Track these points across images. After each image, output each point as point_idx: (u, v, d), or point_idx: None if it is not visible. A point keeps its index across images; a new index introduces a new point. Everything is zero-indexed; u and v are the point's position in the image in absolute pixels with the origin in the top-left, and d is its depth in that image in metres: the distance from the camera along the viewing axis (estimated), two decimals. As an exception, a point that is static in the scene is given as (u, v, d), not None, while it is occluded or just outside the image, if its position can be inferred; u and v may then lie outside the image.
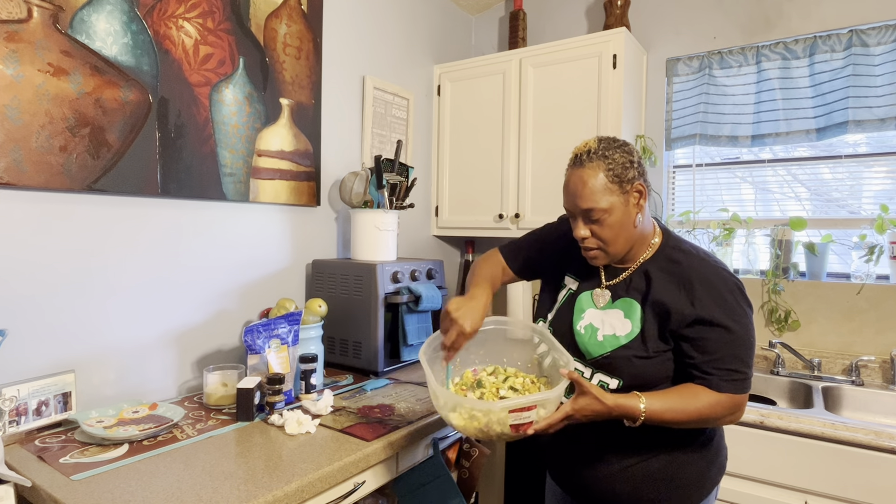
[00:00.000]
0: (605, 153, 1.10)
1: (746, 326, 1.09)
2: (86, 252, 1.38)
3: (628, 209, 1.11)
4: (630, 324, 1.14)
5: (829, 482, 1.48)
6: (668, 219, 2.33)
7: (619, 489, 1.15)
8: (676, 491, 1.14)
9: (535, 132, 2.28)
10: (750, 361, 1.09)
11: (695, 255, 1.14)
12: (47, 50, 1.27)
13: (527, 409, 1.06)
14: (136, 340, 1.49)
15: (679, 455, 1.14)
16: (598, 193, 1.09)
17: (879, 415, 1.79)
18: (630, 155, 1.11)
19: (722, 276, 1.11)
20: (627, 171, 1.09)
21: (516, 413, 1.05)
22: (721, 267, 1.13)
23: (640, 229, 1.14)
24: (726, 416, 1.09)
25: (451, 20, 2.73)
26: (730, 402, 1.07)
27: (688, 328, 1.09)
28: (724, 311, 1.07)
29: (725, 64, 2.18)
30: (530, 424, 1.07)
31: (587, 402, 1.07)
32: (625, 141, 1.15)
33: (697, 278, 1.10)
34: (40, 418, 1.26)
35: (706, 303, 1.08)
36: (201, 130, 1.60)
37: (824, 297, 1.99)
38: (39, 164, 1.26)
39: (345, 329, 1.86)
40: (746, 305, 1.11)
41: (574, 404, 1.07)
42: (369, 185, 1.93)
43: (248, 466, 1.11)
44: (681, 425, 1.09)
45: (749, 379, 1.09)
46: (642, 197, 1.12)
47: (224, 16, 1.64)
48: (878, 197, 1.97)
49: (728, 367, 1.07)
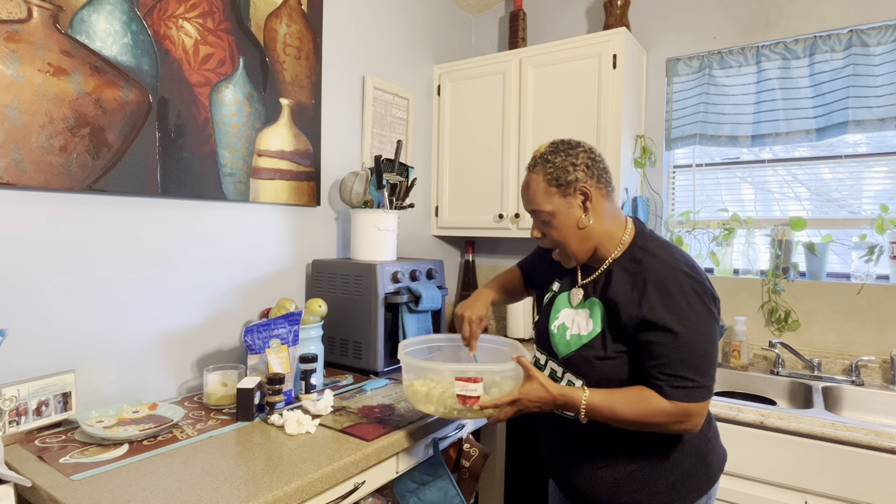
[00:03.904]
0: (548, 157, 1.14)
1: (698, 331, 1.03)
2: (86, 252, 1.38)
3: (571, 211, 1.13)
4: (592, 323, 1.14)
5: (829, 482, 1.48)
6: (669, 219, 2.33)
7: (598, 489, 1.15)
8: (657, 496, 1.11)
9: (535, 132, 2.28)
10: (703, 369, 1.03)
11: (658, 255, 1.11)
12: (47, 50, 1.27)
13: (472, 381, 1.17)
14: (136, 340, 1.49)
15: (659, 460, 1.12)
16: (540, 197, 1.14)
17: (879, 415, 1.79)
18: (574, 158, 1.13)
19: (678, 277, 1.06)
20: (568, 175, 1.12)
21: (462, 383, 1.17)
22: (682, 269, 1.07)
23: (598, 229, 1.15)
24: (675, 424, 1.04)
25: (451, 20, 2.73)
26: (677, 409, 1.03)
27: (637, 330, 1.07)
28: (673, 314, 1.04)
29: (725, 64, 2.18)
30: (477, 399, 1.16)
31: (532, 388, 1.12)
32: (577, 143, 1.16)
33: (652, 279, 1.07)
34: (40, 418, 1.26)
35: (654, 304, 1.05)
36: (201, 130, 1.60)
37: (824, 297, 1.99)
38: (39, 164, 1.26)
39: (345, 329, 1.86)
40: (705, 310, 1.05)
41: (521, 388, 1.13)
42: (369, 185, 1.93)
43: (248, 466, 1.11)
44: (623, 425, 1.07)
45: (703, 388, 1.03)
46: (588, 199, 1.13)
47: (224, 16, 1.64)
48: (878, 197, 1.97)
49: (676, 373, 1.03)
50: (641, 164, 2.27)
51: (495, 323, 2.75)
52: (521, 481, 2.10)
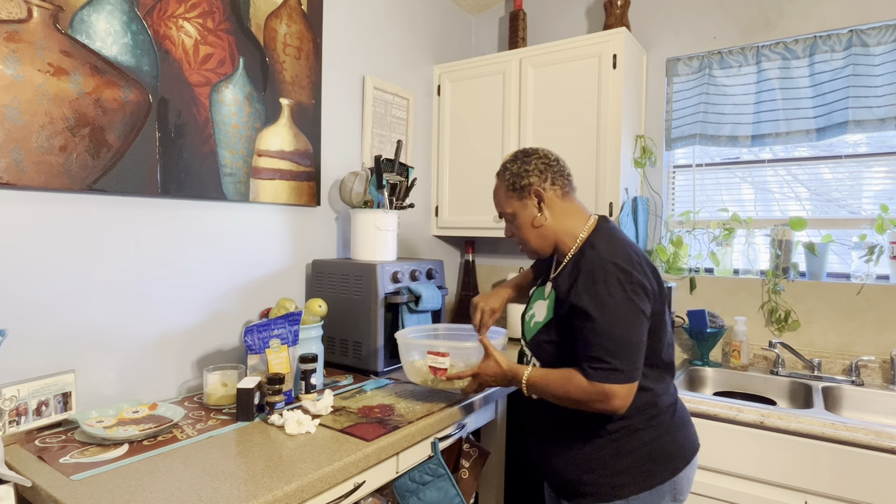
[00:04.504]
0: (507, 166, 1.31)
1: (615, 317, 1.11)
2: (86, 252, 1.38)
3: (527, 212, 1.29)
4: (546, 311, 1.26)
5: (829, 482, 1.48)
6: (669, 219, 2.34)
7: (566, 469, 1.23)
8: (618, 476, 1.18)
9: (535, 132, 2.28)
10: (620, 353, 1.10)
11: (598, 248, 1.19)
12: (47, 50, 1.27)
13: (441, 355, 1.43)
14: (136, 340, 1.49)
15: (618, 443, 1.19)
16: (502, 200, 1.33)
17: (879, 415, 1.79)
18: (528, 165, 1.28)
19: (605, 267, 1.14)
20: (522, 180, 1.27)
21: (433, 356, 1.44)
22: (612, 260, 1.15)
23: (555, 226, 1.28)
24: (596, 403, 1.12)
25: (451, 20, 2.73)
26: (595, 390, 1.11)
27: (569, 316, 1.18)
28: (592, 299, 1.12)
29: (725, 64, 2.18)
30: (445, 371, 1.43)
31: (489, 364, 1.36)
32: (534, 151, 1.30)
33: (584, 269, 1.17)
34: (40, 418, 1.26)
35: (580, 290, 1.15)
36: (201, 130, 1.60)
37: (824, 297, 1.99)
38: (39, 163, 1.26)
39: (345, 329, 1.86)
40: (624, 298, 1.12)
41: (480, 364, 1.38)
42: (369, 185, 1.93)
43: (248, 466, 1.11)
44: (556, 401, 1.19)
45: (620, 371, 1.10)
46: (542, 200, 1.27)
47: (224, 16, 1.64)
48: (878, 197, 1.97)
49: (594, 355, 1.12)
50: (641, 164, 2.27)
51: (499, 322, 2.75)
52: (521, 481, 2.10)
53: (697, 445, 1.28)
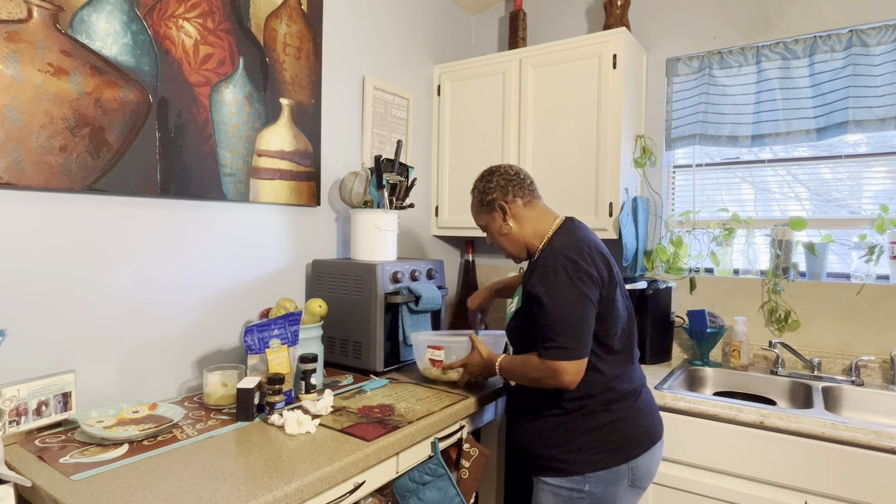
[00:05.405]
0: (476, 184, 1.50)
1: (559, 301, 1.25)
2: (86, 252, 1.38)
3: (496, 223, 1.46)
4: (516, 301, 1.43)
5: (829, 482, 1.48)
6: (669, 219, 2.34)
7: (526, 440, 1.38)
8: (576, 454, 1.30)
9: (535, 132, 2.28)
10: (563, 331, 1.25)
11: (555, 244, 1.33)
12: (47, 50, 1.27)
13: (437, 349, 1.65)
14: (136, 340, 1.49)
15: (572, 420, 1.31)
16: (476, 213, 1.51)
17: (879, 415, 1.79)
18: (490, 182, 1.45)
19: (556, 259, 1.29)
20: (486, 196, 1.46)
21: (432, 350, 1.66)
22: (563, 253, 1.29)
23: (522, 232, 1.44)
24: (548, 380, 1.28)
25: (451, 20, 2.73)
26: (546, 367, 1.27)
27: (529, 302, 1.33)
28: (544, 286, 1.28)
29: (725, 64, 2.18)
30: (441, 363, 1.65)
31: (474, 356, 1.58)
32: (497, 168, 1.47)
33: (540, 262, 1.33)
34: (40, 418, 1.26)
35: (534, 279, 1.31)
36: (201, 130, 1.60)
37: (824, 297, 1.99)
38: (39, 164, 1.26)
39: (345, 329, 1.86)
40: (569, 284, 1.25)
41: (468, 357, 1.60)
42: (369, 185, 1.93)
43: (248, 466, 1.11)
44: (525, 383, 1.37)
45: (566, 349, 1.24)
46: (506, 213, 1.43)
47: (224, 16, 1.64)
48: (878, 197, 1.97)
49: (544, 334, 1.28)
50: (641, 164, 2.27)
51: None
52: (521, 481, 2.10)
53: (658, 437, 1.37)
